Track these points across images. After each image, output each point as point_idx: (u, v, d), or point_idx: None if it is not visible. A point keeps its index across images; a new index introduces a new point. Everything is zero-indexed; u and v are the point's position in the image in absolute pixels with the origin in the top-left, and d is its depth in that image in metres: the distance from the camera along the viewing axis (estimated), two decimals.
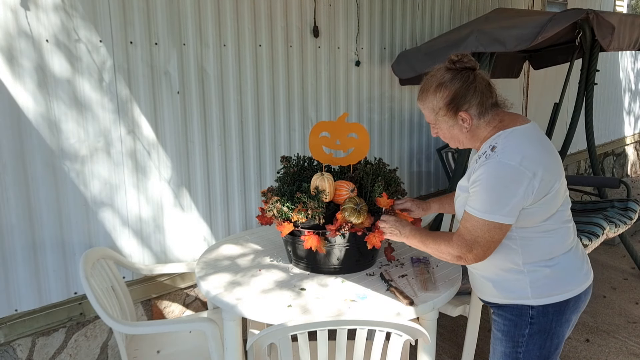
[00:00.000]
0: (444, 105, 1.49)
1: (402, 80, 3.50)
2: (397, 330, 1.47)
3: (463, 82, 1.47)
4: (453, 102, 1.48)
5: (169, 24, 2.37)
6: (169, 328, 2.06)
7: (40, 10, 2.00)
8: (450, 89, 1.47)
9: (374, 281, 1.88)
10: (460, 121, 1.50)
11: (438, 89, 1.49)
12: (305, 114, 3.03)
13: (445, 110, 1.49)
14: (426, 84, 1.53)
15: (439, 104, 1.50)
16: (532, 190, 1.39)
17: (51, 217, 2.13)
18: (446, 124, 1.52)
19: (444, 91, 1.48)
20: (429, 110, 1.54)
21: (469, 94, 1.47)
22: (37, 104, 2.03)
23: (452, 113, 1.49)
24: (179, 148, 2.49)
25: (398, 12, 3.51)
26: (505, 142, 1.43)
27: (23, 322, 2.11)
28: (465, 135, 1.53)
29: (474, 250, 1.45)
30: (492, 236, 1.43)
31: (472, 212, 1.44)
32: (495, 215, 1.40)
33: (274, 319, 1.62)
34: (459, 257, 1.50)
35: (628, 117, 7.05)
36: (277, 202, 1.88)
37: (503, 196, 1.39)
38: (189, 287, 2.68)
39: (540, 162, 1.41)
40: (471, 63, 1.49)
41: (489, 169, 1.41)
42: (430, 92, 1.51)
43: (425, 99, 1.53)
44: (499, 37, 2.79)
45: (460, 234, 1.48)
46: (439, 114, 1.51)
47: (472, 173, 1.48)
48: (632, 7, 8.57)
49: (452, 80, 1.48)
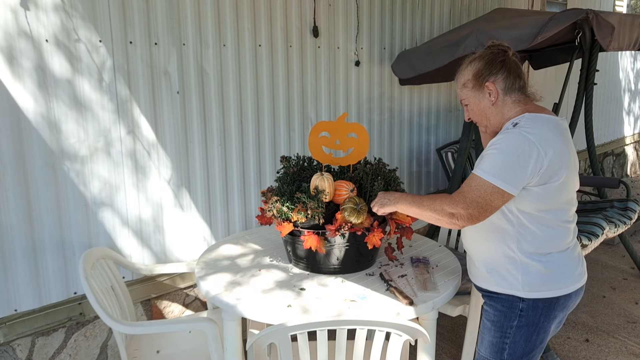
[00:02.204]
0: (472, 77, 1.58)
1: (402, 80, 3.50)
2: (397, 330, 1.47)
3: (494, 56, 1.56)
4: (480, 72, 1.56)
5: (168, 24, 2.37)
6: (169, 328, 2.06)
7: (40, 10, 2.00)
8: (478, 61, 1.58)
9: (373, 281, 1.88)
10: (487, 93, 1.57)
11: (469, 64, 1.60)
12: (305, 114, 3.03)
13: (473, 82, 1.58)
14: (461, 65, 1.64)
15: (468, 76, 1.59)
16: (539, 167, 1.43)
17: (51, 217, 2.13)
18: (475, 97, 1.59)
19: (473, 64, 1.59)
20: (461, 87, 1.62)
21: (496, 66, 1.55)
22: (37, 104, 2.03)
23: (479, 84, 1.57)
24: (179, 148, 2.49)
25: (398, 12, 3.51)
26: (528, 121, 1.49)
27: (23, 322, 2.11)
28: (492, 109, 1.58)
29: (469, 209, 1.47)
30: (492, 200, 1.45)
31: (479, 173, 1.47)
32: (501, 180, 1.43)
33: (274, 319, 1.62)
34: (452, 215, 1.50)
35: (628, 117, 7.05)
36: (276, 202, 1.88)
37: (513, 164, 1.43)
38: (189, 287, 2.68)
39: (555, 145, 1.45)
40: (504, 46, 1.59)
41: (508, 136, 1.46)
42: (463, 68, 1.62)
43: (459, 77, 1.63)
44: (499, 37, 2.78)
45: (461, 191, 1.50)
46: (467, 86, 1.60)
47: None
48: (631, 7, 8.57)
49: (481, 55, 1.59)
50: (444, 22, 3.90)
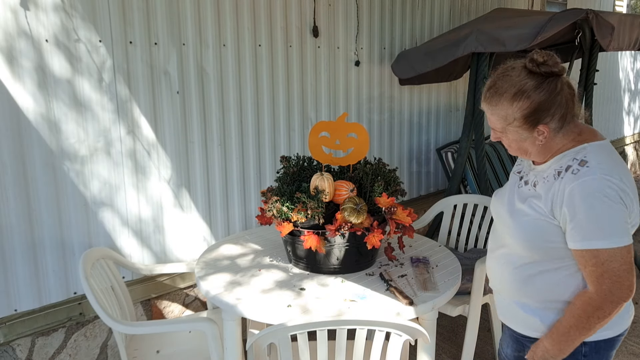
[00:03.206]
0: (521, 117, 1.28)
1: (402, 80, 3.50)
2: (397, 330, 1.47)
3: (549, 94, 1.25)
4: (533, 115, 1.27)
5: (168, 24, 2.37)
6: (169, 328, 2.06)
7: (40, 10, 2.00)
8: (532, 100, 1.25)
9: (373, 281, 1.88)
10: (536, 134, 1.30)
11: (517, 98, 1.26)
12: (305, 113, 3.03)
13: (521, 122, 1.28)
14: (499, 87, 1.29)
15: (515, 114, 1.28)
16: (630, 211, 1.25)
17: (51, 217, 2.13)
18: (518, 135, 1.32)
19: (524, 101, 1.26)
20: (499, 117, 1.31)
21: (554, 107, 1.26)
22: (36, 104, 2.03)
23: (529, 126, 1.28)
24: (179, 148, 2.49)
25: (398, 12, 3.51)
26: (598, 157, 1.26)
27: (22, 322, 2.11)
28: (537, 148, 1.34)
29: (625, 286, 1.23)
30: (629, 262, 1.23)
31: (598, 245, 1.22)
32: (624, 236, 1.22)
33: (274, 319, 1.62)
34: (611, 303, 1.25)
35: (627, 117, 7.05)
36: (276, 202, 1.88)
37: (619, 214, 1.22)
38: (189, 287, 2.68)
39: (632, 183, 1.27)
40: (558, 67, 1.26)
41: (596, 188, 1.21)
42: (506, 99, 1.28)
43: (497, 104, 1.30)
44: (499, 37, 2.79)
45: (597, 280, 1.25)
46: (512, 124, 1.30)
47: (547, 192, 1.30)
48: (631, 7, 8.57)
49: (535, 90, 1.25)
50: (444, 22, 3.90)
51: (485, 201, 2.69)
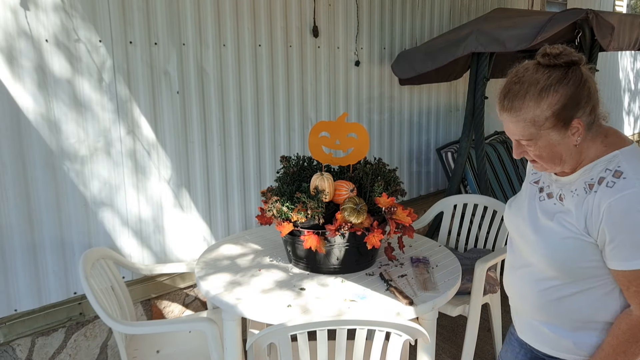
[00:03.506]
0: (553, 115, 1.12)
1: (402, 80, 3.50)
2: (397, 330, 1.47)
3: (577, 84, 1.13)
4: (565, 110, 1.12)
5: (168, 24, 2.37)
6: (169, 328, 2.06)
7: (40, 10, 2.00)
8: (561, 94, 1.12)
9: (373, 281, 1.88)
10: (570, 133, 1.15)
11: (543, 95, 1.12)
12: (305, 113, 3.03)
13: (553, 121, 1.13)
14: (518, 90, 1.15)
15: (545, 113, 1.12)
16: None
17: (51, 217, 2.13)
18: (550, 140, 1.16)
19: (553, 96, 1.12)
20: (527, 123, 1.15)
21: (583, 98, 1.13)
22: (36, 104, 2.03)
23: (563, 124, 1.13)
24: (179, 148, 2.49)
25: (398, 12, 3.51)
26: (634, 166, 1.13)
27: (22, 322, 2.11)
28: (573, 151, 1.18)
29: None
30: None
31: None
32: None
33: (274, 319, 1.62)
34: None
35: (628, 117, 7.05)
36: (276, 202, 1.88)
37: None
38: (189, 287, 2.68)
39: None
40: (576, 55, 1.14)
41: (637, 203, 1.09)
42: (531, 99, 1.13)
43: (520, 108, 1.14)
44: (499, 37, 2.79)
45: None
46: (543, 126, 1.14)
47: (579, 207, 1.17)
48: (631, 7, 8.57)
49: (561, 82, 1.12)
50: (444, 22, 3.90)
51: (485, 201, 2.69)
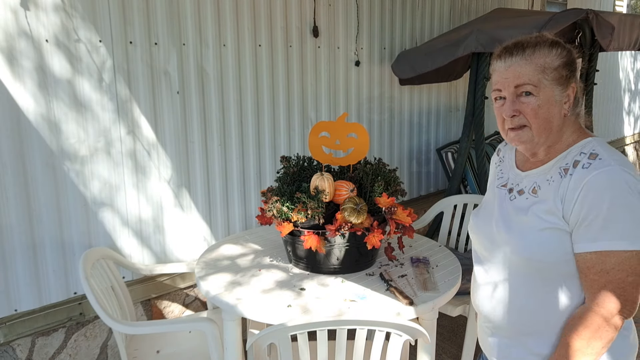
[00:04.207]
0: (561, 65, 1.16)
1: (402, 80, 3.50)
2: (397, 330, 1.47)
3: (576, 56, 1.20)
4: (569, 67, 1.17)
5: (168, 24, 2.37)
6: (169, 328, 2.06)
7: (40, 10, 2.00)
8: (568, 51, 1.18)
9: (373, 281, 1.88)
10: (566, 98, 1.17)
11: (553, 47, 1.17)
12: (305, 114, 3.03)
13: (559, 72, 1.15)
14: (529, 39, 1.19)
15: (555, 62, 1.15)
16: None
17: (51, 217, 2.13)
18: (551, 94, 1.15)
19: (562, 50, 1.17)
20: (536, 67, 1.15)
21: (577, 70, 1.19)
22: (37, 104, 2.03)
23: (564, 80, 1.16)
24: (179, 148, 2.49)
25: (398, 12, 3.51)
26: (608, 150, 1.13)
27: (23, 322, 2.11)
28: (558, 123, 1.17)
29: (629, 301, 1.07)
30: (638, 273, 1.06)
31: (612, 246, 1.05)
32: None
33: (274, 319, 1.62)
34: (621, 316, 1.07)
35: (628, 117, 7.05)
36: (276, 202, 1.88)
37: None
38: (189, 287, 2.68)
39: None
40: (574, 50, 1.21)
41: (617, 178, 1.05)
42: (544, 46, 1.17)
43: (532, 53, 1.16)
44: (499, 37, 2.79)
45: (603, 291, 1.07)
46: (548, 74, 1.15)
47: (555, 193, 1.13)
48: (631, 7, 8.58)
49: (566, 46, 1.19)
50: (444, 22, 3.90)
51: None
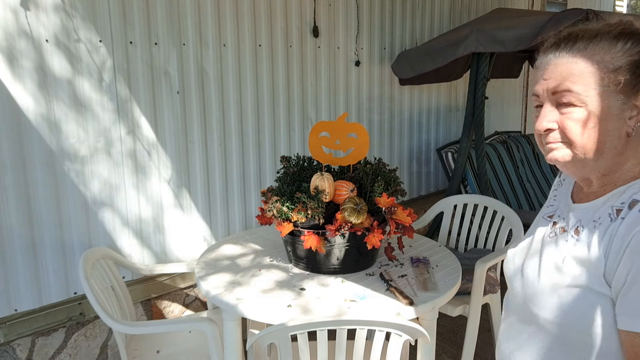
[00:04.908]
0: (627, 65, 0.82)
1: (402, 80, 3.50)
2: (397, 330, 1.47)
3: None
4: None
5: (168, 24, 2.37)
6: (169, 328, 2.06)
7: (40, 10, 2.00)
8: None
9: (373, 281, 1.88)
10: (629, 112, 0.84)
11: (622, 38, 0.83)
12: (305, 114, 3.03)
13: (623, 76, 0.82)
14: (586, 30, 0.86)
15: (618, 60, 0.82)
16: None
17: (51, 217, 2.13)
18: (607, 105, 0.83)
19: (631, 44, 0.83)
20: (590, 67, 0.84)
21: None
22: (37, 104, 2.03)
23: (632, 87, 0.83)
24: (179, 148, 2.49)
25: (398, 12, 3.51)
26: None
27: (23, 322, 2.11)
28: (618, 142, 0.85)
29: None
30: None
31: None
32: None
33: (274, 319, 1.62)
34: None
35: None
36: (276, 202, 1.88)
37: None
38: (189, 287, 2.68)
39: None
40: None
41: None
42: (607, 38, 0.84)
43: (586, 46, 0.84)
44: (499, 37, 2.79)
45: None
46: (607, 79, 0.83)
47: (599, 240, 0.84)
48: (632, 7, 8.58)
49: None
50: (444, 22, 3.90)
51: (485, 201, 2.69)
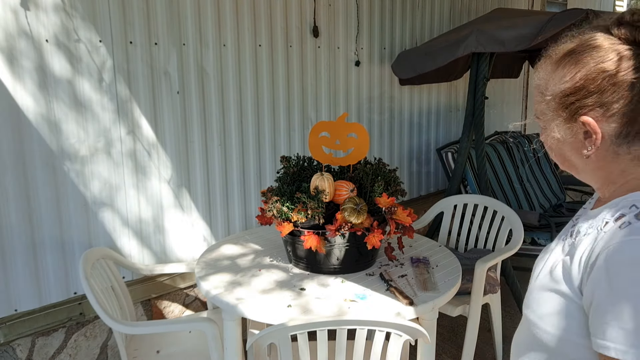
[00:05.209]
0: (560, 95, 0.80)
1: (402, 80, 3.50)
2: (397, 330, 1.47)
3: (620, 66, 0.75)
4: (577, 93, 0.78)
5: (168, 24, 2.37)
6: (169, 328, 2.06)
7: (40, 10, 2.00)
8: (586, 69, 0.77)
9: (373, 281, 1.88)
10: (578, 132, 0.81)
11: (564, 61, 0.80)
12: (305, 114, 3.03)
13: (557, 102, 0.81)
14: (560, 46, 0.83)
15: (558, 85, 0.81)
16: None
17: (51, 217, 2.13)
18: (555, 127, 0.83)
19: (573, 67, 0.79)
20: (537, 88, 0.85)
21: (621, 98, 0.75)
22: (37, 104, 2.03)
23: (568, 114, 0.81)
24: (179, 148, 2.49)
25: (398, 12, 3.51)
26: None
27: (23, 322, 2.11)
28: (584, 162, 0.83)
29: None
30: None
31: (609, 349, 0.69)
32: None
33: (274, 319, 1.62)
34: None
35: None
36: (277, 202, 1.88)
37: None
38: (189, 287, 2.68)
39: None
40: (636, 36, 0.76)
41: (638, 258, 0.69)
42: (552, 60, 0.83)
43: (540, 66, 0.85)
44: (499, 37, 2.79)
45: None
46: (549, 104, 0.83)
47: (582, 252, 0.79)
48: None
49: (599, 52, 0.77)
50: (444, 22, 3.90)
51: (485, 201, 2.69)
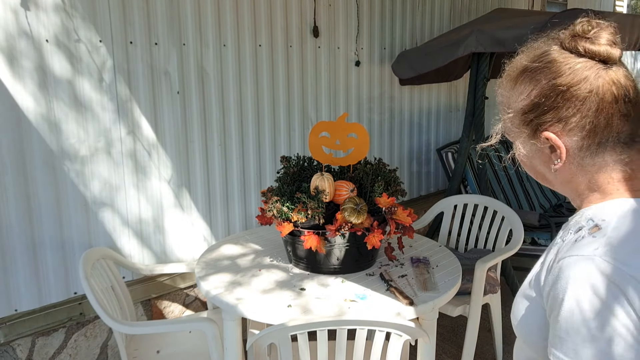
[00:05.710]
0: (520, 112, 0.82)
1: (402, 80, 3.50)
2: (397, 330, 1.47)
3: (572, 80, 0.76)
4: (535, 110, 0.79)
5: (169, 24, 2.37)
6: (169, 328, 2.06)
7: (41, 10, 2.00)
8: (540, 86, 0.79)
9: (373, 281, 1.88)
10: (544, 147, 0.81)
11: (521, 78, 0.82)
12: (305, 114, 3.03)
13: (519, 119, 0.82)
14: (515, 62, 0.84)
15: (517, 103, 0.82)
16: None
17: (51, 217, 2.13)
18: (520, 144, 0.85)
19: (528, 84, 0.80)
20: (500, 105, 0.87)
21: (578, 112, 0.76)
22: (37, 104, 2.03)
23: (530, 130, 0.81)
24: (179, 148, 2.49)
25: (398, 12, 3.51)
26: (624, 225, 0.73)
27: (23, 322, 2.11)
28: (554, 175, 0.84)
29: None
30: None
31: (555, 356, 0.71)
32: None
33: (274, 319, 1.62)
34: None
35: None
36: (277, 202, 1.88)
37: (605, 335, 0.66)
38: (189, 287, 2.68)
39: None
40: (608, 49, 0.81)
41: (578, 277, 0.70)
42: (510, 77, 0.84)
43: (500, 83, 0.86)
44: (499, 37, 2.79)
45: None
46: (513, 120, 0.84)
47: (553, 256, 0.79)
48: (632, 7, 8.58)
49: (551, 68, 0.78)
50: (444, 22, 3.90)
51: (485, 201, 2.69)
